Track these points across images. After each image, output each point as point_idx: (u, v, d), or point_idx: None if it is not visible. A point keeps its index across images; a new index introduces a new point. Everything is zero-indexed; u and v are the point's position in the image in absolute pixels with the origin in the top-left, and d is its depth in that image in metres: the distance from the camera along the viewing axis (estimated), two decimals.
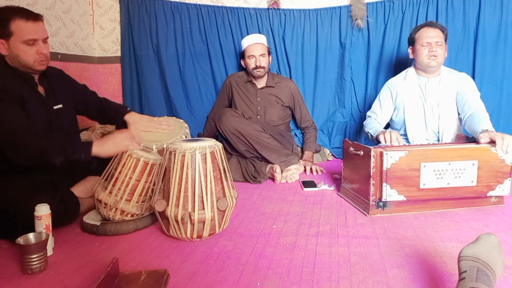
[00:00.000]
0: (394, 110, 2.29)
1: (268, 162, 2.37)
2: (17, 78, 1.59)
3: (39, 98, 1.66)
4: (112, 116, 1.94)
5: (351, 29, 2.87)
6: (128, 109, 1.97)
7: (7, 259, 1.29)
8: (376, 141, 2.07)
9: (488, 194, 1.70)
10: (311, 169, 2.48)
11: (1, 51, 1.56)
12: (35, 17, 1.57)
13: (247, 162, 2.39)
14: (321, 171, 2.48)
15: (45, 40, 1.62)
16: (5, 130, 1.48)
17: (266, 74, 2.66)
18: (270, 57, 2.65)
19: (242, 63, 2.67)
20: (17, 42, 1.54)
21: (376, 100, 2.37)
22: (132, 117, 1.91)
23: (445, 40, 2.16)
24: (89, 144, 1.59)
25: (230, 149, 2.41)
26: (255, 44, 2.55)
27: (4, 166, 1.55)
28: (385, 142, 1.92)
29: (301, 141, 2.85)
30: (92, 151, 1.57)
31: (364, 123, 2.36)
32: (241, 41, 2.64)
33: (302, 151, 2.71)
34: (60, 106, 1.74)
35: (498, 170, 1.69)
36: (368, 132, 2.23)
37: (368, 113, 2.39)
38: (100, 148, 1.58)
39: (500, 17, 2.61)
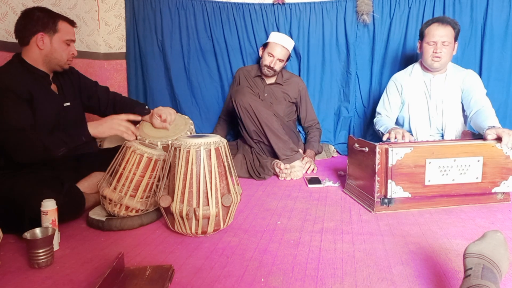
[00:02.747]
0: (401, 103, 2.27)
1: (272, 151, 2.35)
2: (29, 75, 1.62)
3: (51, 95, 1.69)
4: (129, 111, 1.94)
5: (356, 23, 2.85)
6: (146, 108, 1.99)
7: (14, 254, 1.31)
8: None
9: (493, 191, 1.70)
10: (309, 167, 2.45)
11: (39, 44, 1.62)
12: (74, 23, 1.76)
13: (252, 157, 2.38)
14: (312, 170, 2.44)
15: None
16: (8, 130, 1.49)
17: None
18: (286, 63, 2.65)
19: (260, 51, 2.64)
20: (60, 39, 1.68)
21: (383, 95, 2.35)
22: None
23: (456, 37, 2.10)
24: (84, 126, 1.63)
25: (241, 128, 2.39)
26: (280, 45, 2.51)
27: (10, 162, 1.56)
28: (394, 138, 1.91)
29: (304, 139, 2.83)
30: (90, 133, 1.63)
31: (374, 120, 2.34)
32: (270, 32, 2.62)
33: (304, 150, 2.66)
34: (69, 104, 1.77)
35: (503, 166, 1.68)
36: (379, 130, 2.21)
37: (377, 110, 2.37)
38: (95, 130, 1.64)
39: (508, 12, 2.58)
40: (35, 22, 1.61)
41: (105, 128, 1.63)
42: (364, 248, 1.31)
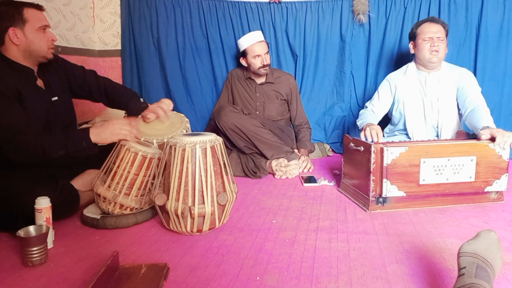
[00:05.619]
0: (393, 104, 2.28)
1: (267, 158, 2.36)
2: (15, 73, 1.58)
3: (38, 91, 1.65)
4: (124, 105, 1.93)
5: (352, 22, 2.85)
6: (142, 100, 1.96)
7: (8, 252, 1.30)
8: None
9: (486, 190, 1.71)
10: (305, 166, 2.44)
11: (13, 41, 1.56)
12: (41, 7, 1.64)
13: (247, 157, 2.38)
14: (308, 170, 2.45)
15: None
16: (3, 130, 1.47)
17: None
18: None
19: (243, 62, 2.62)
20: (32, 28, 1.58)
21: (375, 93, 2.36)
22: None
23: (446, 36, 2.15)
24: (87, 132, 1.58)
25: (229, 145, 2.40)
26: (257, 43, 2.51)
27: (4, 160, 1.55)
28: (366, 138, 1.89)
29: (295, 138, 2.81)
30: (91, 140, 1.57)
31: (359, 112, 2.35)
32: (239, 41, 2.59)
33: (297, 149, 2.62)
34: (56, 98, 1.73)
35: (496, 165, 1.70)
36: (357, 123, 2.23)
37: (366, 104, 2.38)
38: (97, 137, 1.58)
39: (503, 13, 2.60)
40: (2, 19, 1.53)
41: (107, 134, 1.58)
42: (359, 247, 1.31)
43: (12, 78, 1.55)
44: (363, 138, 1.87)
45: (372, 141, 1.80)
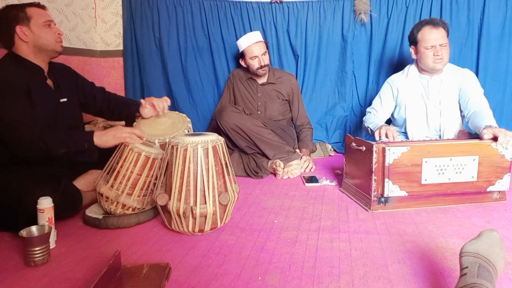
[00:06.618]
0: (396, 107, 2.27)
1: (269, 158, 2.36)
2: (25, 70, 1.62)
3: (47, 90, 1.68)
4: (124, 107, 1.96)
5: (354, 22, 2.85)
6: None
7: (10, 252, 1.30)
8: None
9: (488, 189, 1.71)
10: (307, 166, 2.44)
11: (22, 38, 1.61)
12: (43, 6, 1.71)
13: (249, 157, 2.38)
14: (310, 170, 2.46)
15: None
16: (9, 123, 1.49)
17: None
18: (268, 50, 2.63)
19: (242, 63, 2.63)
20: (37, 24, 1.64)
21: (377, 96, 2.35)
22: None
23: (447, 36, 2.11)
24: (90, 134, 1.62)
25: (231, 145, 2.40)
26: (254, 44, 2.50)
27: (7, 159, 1.56)
28: (380, 137, 1.90)
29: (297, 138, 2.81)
30: (94, 141, 1.60)
31: (363, 118, 2.35)
32: (238, 42, 2.59)
33: (299, 149, 2.62)
34: (65, 99, 1.76)
35: (498, 165, 1.69)
36: (368, 127, 2.21)
37: (368, 109, 2.37)
38: (100, 139, 1.61)
39: (505, 12, 2.60)
40: (8, 21, 1.60)
41: (109, 137, 1.62)
42: (360, 247, 1.31)
43: (22, 73, 1.59)
44: (377, 137, 1.90)
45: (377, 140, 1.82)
